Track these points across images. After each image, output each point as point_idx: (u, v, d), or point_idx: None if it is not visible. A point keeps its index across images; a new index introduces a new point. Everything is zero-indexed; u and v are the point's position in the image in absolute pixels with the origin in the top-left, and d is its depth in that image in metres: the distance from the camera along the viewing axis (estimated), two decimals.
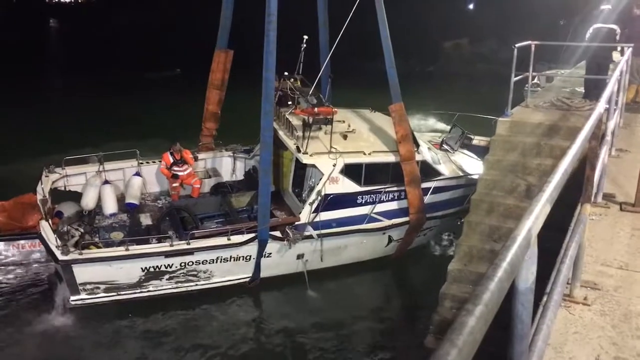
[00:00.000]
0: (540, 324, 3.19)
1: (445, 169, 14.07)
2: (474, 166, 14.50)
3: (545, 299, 3.69)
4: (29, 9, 63.33)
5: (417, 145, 13.20)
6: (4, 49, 39.97)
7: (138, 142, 16.00)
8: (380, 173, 12.91)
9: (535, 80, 20.07)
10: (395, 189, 13.08)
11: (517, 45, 10.29)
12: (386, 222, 13.15)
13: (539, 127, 10.23)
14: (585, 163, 5.22)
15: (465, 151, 15.63)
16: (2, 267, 12.73)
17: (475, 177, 12.27)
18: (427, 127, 21.59)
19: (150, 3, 57.42)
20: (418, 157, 12.99)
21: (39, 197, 12.56)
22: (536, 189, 9.21)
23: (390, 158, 12.91)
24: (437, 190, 13.59)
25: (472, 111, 16.86)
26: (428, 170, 13.40)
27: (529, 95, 11.82)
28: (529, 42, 10.75)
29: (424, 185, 13.16)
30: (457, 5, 55.06)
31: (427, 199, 13.30)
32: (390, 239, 13.54)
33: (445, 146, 15.58)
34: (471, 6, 60.30)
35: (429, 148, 14.35)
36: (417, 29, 41.19)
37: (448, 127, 16.98)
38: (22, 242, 12.69)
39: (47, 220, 11.52)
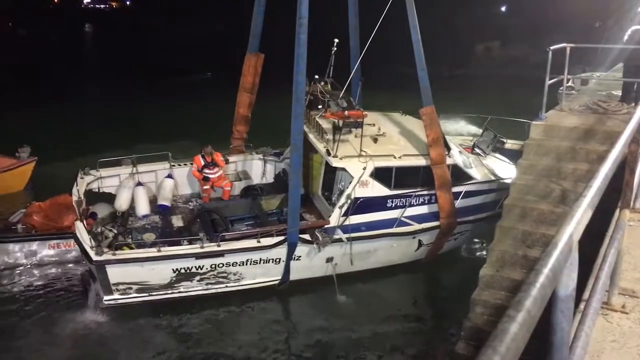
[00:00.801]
0: (578, 331, 3.12)
1: (476, 173, 13.90)
2: (506, 170, 14.30)
3: (583, 306, 3.61)
4: (66, 14, 64.98)
5: (448, 149, 13.07)
6: (41, 51, 41.06)
7: (170, 145, 16.23)
8: (410, 177, 12.82)
9: (570, 83, 19.69)
10: (425, 192, 12.97)
11: (552, 47, 10.11)
12: (416, 226, 13.05)
13: (574, 131, 10.03)
14: (624, 168, 5.09)
15: (498, 155, 15.43)
16: (38, 266, 13.07)
17: (508, 181, 12.10)
18: (459, 131, 21.34)
19: (180, 8, 58.30)
20: (449, 161, 12.86)
21: (75, 198, 12.84)
22: (572, 194, 9.04)
23: (421, 161, 12.81)
24: (468, 194, 13.43)
25: (504, 114, 16.64)
26: (459, 174, 13.25)
27: (564, 99, 11.58)
28: (564, 44, 10.55)
29: (455, 189, 13.01)
30: (489, 8, 54.50)
31: (458, 203, 13.15)
32: (420, 243, 13.43)
33: (476, 150, 15.40)
34: (503, 9, 59.62)
35: (460, 152, 14.18)
36: (448, 32, 40.89)
37: (480, 131, 16.78)
38: (57, 241, 13.05)
39: (82, 221, 11.76)
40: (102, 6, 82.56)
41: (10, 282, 12.66)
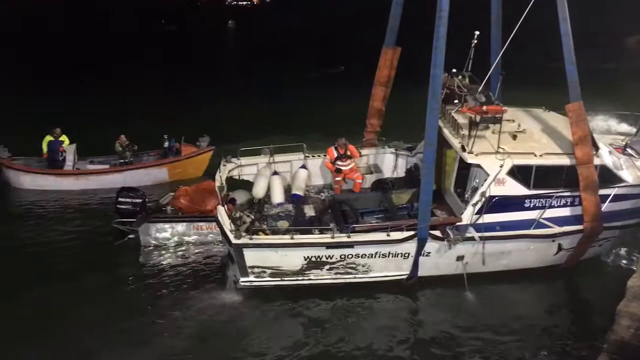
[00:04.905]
0: None
1: (628, 175, 12.80)
2: None
3: None
4: (211, 11, 69.33)
5: (596, 148, 12.19)
6: (190, 47, 44.25)
7: (305, 136, 16.70)
8: (552, 176, 12.14)
9: None
10: (568, 194, 12.22)
11: None
12: (556, 229, 12.32)
13: None
14: None
15: None
16: (182, 245, 14.16)
17: None
18: (609, 129, 19.76)
19: (317, 3, 59.68)
20: (596, 161, 12.00)
21: (217, 184, 13.71)
22: None
23: (565, 161, 12.07)
24: (617, 198, 12.42)
25: None
26: (608, 176, 12.32)
27: None
28: None
29: (603, 191, 12.11)
30: None
31: (606, 207, 12.23)
32: (559, 247, 12.67)
33: (629, 150, 14.16)
34: None
35: (610, 152, 13.13)
36: (597, 23, 37.85)
37: (633, 130, 15.40)
38: (201, 224, 14.05)
39: (223, 206, 12.53)
40: (244, 3, 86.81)
41: (157, 258, 13.87)
